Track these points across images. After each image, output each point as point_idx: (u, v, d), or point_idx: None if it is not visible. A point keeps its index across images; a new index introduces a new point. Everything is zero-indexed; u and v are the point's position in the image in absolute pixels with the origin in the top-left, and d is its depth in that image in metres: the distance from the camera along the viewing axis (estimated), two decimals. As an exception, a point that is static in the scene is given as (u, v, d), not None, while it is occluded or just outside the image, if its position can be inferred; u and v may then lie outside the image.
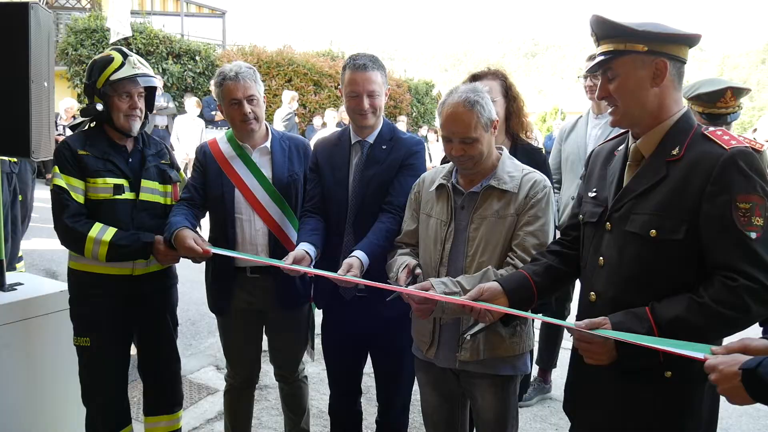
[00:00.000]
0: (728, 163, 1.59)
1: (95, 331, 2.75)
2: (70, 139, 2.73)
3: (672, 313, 1.62)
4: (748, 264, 1.56)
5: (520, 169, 2.33)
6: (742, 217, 1.56)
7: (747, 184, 1.57)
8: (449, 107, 2.22)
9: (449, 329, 2.35)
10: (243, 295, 2.89)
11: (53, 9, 16.79)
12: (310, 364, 4.32)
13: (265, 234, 2.83)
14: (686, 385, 1.70)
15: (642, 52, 1.70)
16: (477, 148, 2.22)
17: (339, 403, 2.96)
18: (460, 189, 2.35)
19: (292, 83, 15.18)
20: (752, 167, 1.59)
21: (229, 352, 3.07)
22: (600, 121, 3.76)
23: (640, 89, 1.73)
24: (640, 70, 1.72)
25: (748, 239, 1.56)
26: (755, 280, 1.54)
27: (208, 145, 2.94)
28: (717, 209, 1.59)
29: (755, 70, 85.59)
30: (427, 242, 2.40)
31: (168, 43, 14.64)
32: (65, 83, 13.93)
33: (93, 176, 2.68)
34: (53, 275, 6.39)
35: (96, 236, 2.61)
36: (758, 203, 1.56)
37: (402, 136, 2.76)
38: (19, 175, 5.20)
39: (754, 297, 1.55)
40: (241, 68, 2.76)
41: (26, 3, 2.78)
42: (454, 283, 2.15)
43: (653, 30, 1.68)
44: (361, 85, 2.57)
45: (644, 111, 1.76)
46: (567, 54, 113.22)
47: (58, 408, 3.18)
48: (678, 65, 1.72)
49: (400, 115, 15.53)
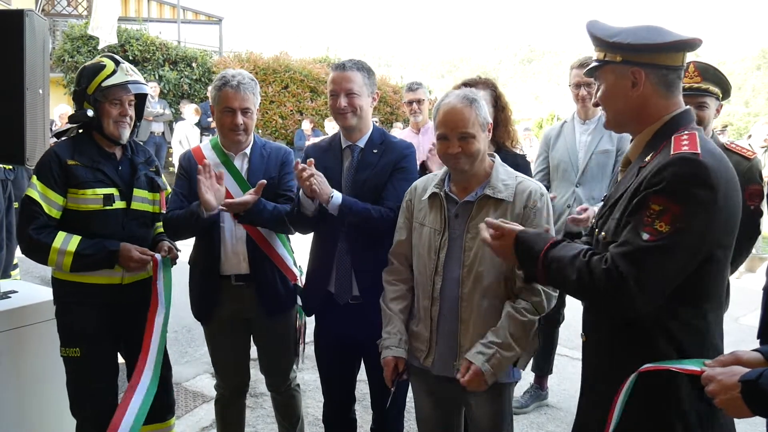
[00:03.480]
0: (664, 166, 1.57)
1: (85, 341, 2.71)
2: (59, 148, 2.68)
3: (561, 252, 1.72)
4: (623, 258, 1.56)
5: (513, 177, 2.34)
6: (647, 217, 1.55)
7: (668, 188, 1.54)
8: (447, 105, 2.26)
9: (446, 338, 2.32)
10: (228, 303, 2.89)
11: (49, 16, 16.82)
12: (306, 371, 4.31)
13: (244, 243, 2.84)
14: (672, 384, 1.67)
15: (617, 62, 1.73)
16: (474, 145, 2.23)
17: (333, 411, 2.94)
18: (453, 197, 2.34)
19: (288, 90, 15.20)
20: (684, 175, 1.54)
21: (218, 362, 3.06)
22: (589, 127, 3.77)
23: (620, 97, 1.76)
24: (619, 79, 1.74)
25: (639, 237, 1.56)
26: (619, 277, 1.56)
27: (192, 152, 2.95)
28: (638, 201, 1.60)
29: (750, 76, 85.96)
30: (420, 251, 2.39)
31: (164, 49, 14.66)
32: (61, 90, 13.93)
33: (82, 187, 2.64)
34: (48, 283, 6.32)
35: (60, 246, 2.56)
36: (671, 211, 1.53)
37: (392, 140, 2.79)
38: (15, 182, 5.20)
39: (610, 286, 1.58)
40: (244, 79, 2.77)
41: (21, 10, 2.78)
42: (487, 345, 2.18)
43: (623, 41, 1.70)
44: (339, 83, 2.62)
45: (627, 118, 1.79)
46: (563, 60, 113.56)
47: (52, 416, 3.16)
48: (662, 72, 1.71)
49: (396, 121, 15.52)
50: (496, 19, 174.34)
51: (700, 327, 1.65)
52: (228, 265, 2.86)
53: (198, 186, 2.60)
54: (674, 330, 1.64)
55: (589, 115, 3.79)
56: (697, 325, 1.64)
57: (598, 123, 3.74)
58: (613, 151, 3.68)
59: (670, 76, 1.72)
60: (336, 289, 2.69)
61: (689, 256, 1.55)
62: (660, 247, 1.53)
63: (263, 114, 14.78)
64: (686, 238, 1.53)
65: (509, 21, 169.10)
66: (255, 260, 2.85)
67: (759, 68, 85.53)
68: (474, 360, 2.16)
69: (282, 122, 14.93)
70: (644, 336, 1.67)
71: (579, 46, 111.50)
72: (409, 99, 5.06)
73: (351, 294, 2.68)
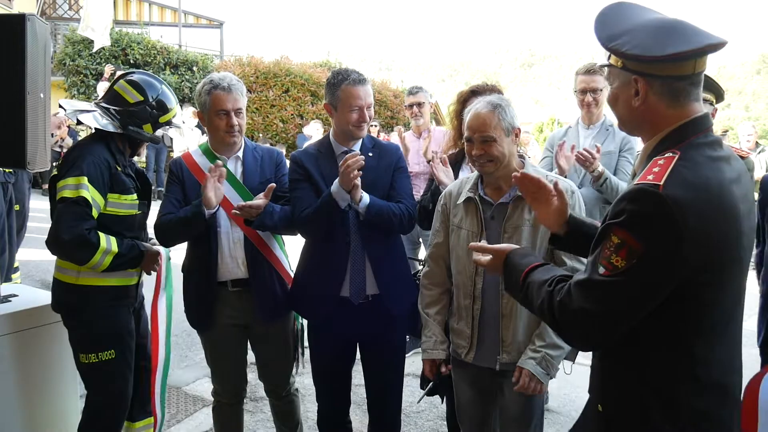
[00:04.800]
0: (624, 196, 1.47)
1: (118, 342, 2.79)
2: (105, 154, 2.76)
3: (536, 276, 1.68)
4: (577, 289, 1.50)
5: (544, 176, 2.36)
6: (606, 249, 1.46)
7: (627, 222, 1.43)
8: (473, 110, 2.39)
9: (489, 333, 2.42)
10: (226, 310, 2.87)
11: (51, 20, 16.84)
12: (306, 375, 4.30)
13: (242, 246, 2.84)
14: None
15: (619, 68, 1.60)
16: (495, 148, 2.33)
17: (329, 416, 2.93)
18: (488, 200, 2.44)
19: (289, 94, 15.22)
20: (641, 209, 1.42)
21: (215, 369, 3.02)
22: (592, 132, 3.79)
23: (623, 104, 1.64)
24: (623, 85, 1.62)
25: (595, 271, 1.48)
26: (572, 309, 1.50)
27: (182, 158, 2.93)
28: (602, 229, 1.52)
29: (750, 81, 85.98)
30: (459, 253, 2.49)
31: (165, 53, 14.71)
32: (63, 94, 13.96)
33: (124, 193, 2.78)
34: (49, 286, 6.34)
35: (106, 247, 2.64)
36: (629, 245, 1.42)
37: (382, 143, 2.93)
38: (15, 185, 5.20)
39: (563, 318, 1.53)
40: (233, 80, 2.80)
41: (23, 15, 2.79)
42: (535, 350, 2.32)
43: (620, 48, 1.54)
44: (363, 98, 2.66)
45: (632, 126, 1.69)
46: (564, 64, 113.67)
47: (52, 419, 3.16)
48: (667, 82, 1.54)
49: (396, 125, 15.54)
50: (497, 23, 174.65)
51: (681, 365, 1.51)
52: (225, 271, 2.84)
53: (205, 183, 2.64)
54: (645, 369, 1.54)
55: (594, 120, 3.81)
56: (676, 364, 1.51)
57: (601, 127, 3.79)
58: (616, 152, 3.70)
59: (676, 85, 1.54)
60: (351, 291, 2.69)
61: (647, 294, 1.44)
62: (613, 283, 1.44)
63: (264, 118, 14.81)
64: (642, 275, 1.42)
65: (510, 25, 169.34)
66: (253, 264, 2.84)
67: (759, 72, 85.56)
68: (525, 365, 2.29)
69: (283, 126, 14.95)
70: (636, 361, 1.57)
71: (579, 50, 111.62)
72: (410, 102, 5.09)
73: (365, 294, 2.70)
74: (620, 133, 3.72)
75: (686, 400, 1.50)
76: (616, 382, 1.60)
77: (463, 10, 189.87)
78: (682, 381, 1.51)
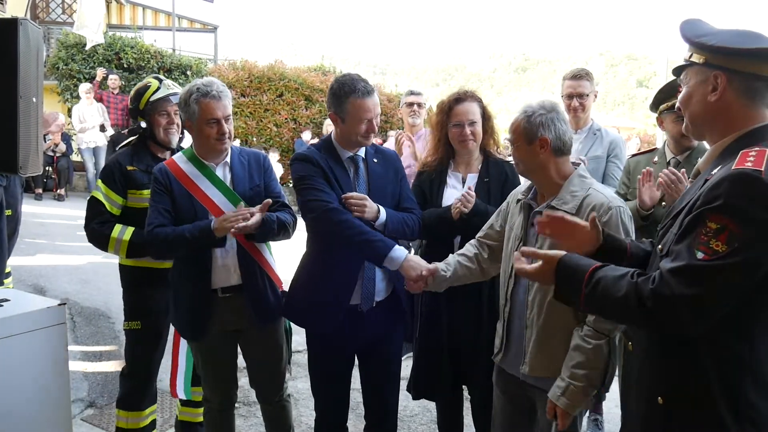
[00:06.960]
0: (722, 181, 1.48)
1: (146, 316, 3.20)
2: (121, 156, 3.20)
3: (608, 272, 1.63)
4: (673, 276, 1.48)
5: (586, 188, 2.32)
6: (703, 235, 1.46)
7: (726, 206, 1.45)
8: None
9: (516, 340, 2.42)
10: (217, 317, 2.83)
11: (44, 24, 16.78)
12: (299, 380, 4.30)
13: (235, 254, 2.82)
14: None
15: (700, 64, 1.63)
16: (516, 150, 2.37)
17: (327, 422, 2.91)
18: (533, 206, 2.42)
19: (283, 98, 15.21)
20: (743, 193, 1.44)
21: (207, 376, 2.99)
22: (580, 136, 3.80)
23: (698, 101, 1.66)
24: (700, 82, 1.64)
25: (693, 256, 1.47)
26: (670, 295, 1.48)
27: (167, 166, 2.86)
28: (694, 216, 1.51)
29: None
30: (506, 253, 2.50)
31: (159, 57, 14.65)
32: (56, 97, 13.90)
33: (140, 188, 3.11)
34: (41, 291, 6.34)
35: (117, 236, 3.05)
36: (731, 229, 1.43)
37: (382, 149, 2.97)
38: (7, 189, 5.16)
39: (659, 305, 1.50)
40: (220, 86, 2.77)
41: (15, 19, 2.77)
42: (561, 379, 2.23)
43: (707, 42, 1.60)
44: (372, 110, 2.70)
45: (703, 124, 1.69)
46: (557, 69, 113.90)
47: (43, 425, 3.14)
48: (748, 80, 1.58)
49: (390, 129, 15.55)
50: (491, 27, 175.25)
51: (745, 358, 1.54)
52: (218, 279, 2.82)
53: (228, 225, 2.62)
54: (713, 359, 1.55)
55: (581, 125, 3.83)
56: (742, 356, 1.54)
57: (589, 132, 3.80)
58: (604, 157, 3.72)
59: (756, 85, 1.59)
60: (362, 299, 2.70)
61: (747, 278, 1.45)
62: (715, 267, 1.44)
63: (258, 122, 14.80)
64: (743, 260, 1.43)
65: (504, 30, 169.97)
66: (246, 270, 2.82)
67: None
68: (550, 396, 2.22)
69: (276, 130, 14.93)
70: (688, 358, 1.59)
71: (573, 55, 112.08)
72: (410, 101, 5.13)
73: (374, 300, 2.71)
74: (607, 137, 3.74)
75: (747, 395, 1.53)
76: (681, 374, 1.61)
77: (457, 15, 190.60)
78: (746, 374, 1.54)
